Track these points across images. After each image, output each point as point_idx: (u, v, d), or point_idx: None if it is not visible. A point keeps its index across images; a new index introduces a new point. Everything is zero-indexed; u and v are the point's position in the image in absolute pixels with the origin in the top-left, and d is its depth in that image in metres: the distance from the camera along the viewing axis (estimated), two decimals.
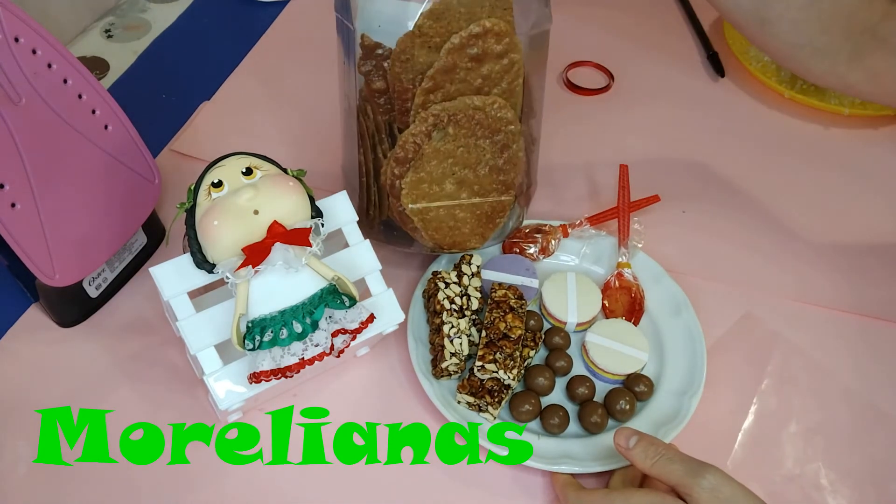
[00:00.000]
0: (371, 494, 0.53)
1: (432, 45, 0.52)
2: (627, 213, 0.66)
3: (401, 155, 0.55)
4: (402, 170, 0.56)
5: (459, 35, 0.52)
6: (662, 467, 0.47)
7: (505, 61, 0.54)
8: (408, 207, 0.57)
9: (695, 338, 0.59)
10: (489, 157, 0.57)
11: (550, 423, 0.54)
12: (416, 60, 0.53)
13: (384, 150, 0.57)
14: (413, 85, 0.54)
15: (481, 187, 0.58)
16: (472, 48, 0.52)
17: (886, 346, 0.62)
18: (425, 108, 0.54)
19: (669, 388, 0.57)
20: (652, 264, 0.64)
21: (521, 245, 0.65)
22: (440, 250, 0.61)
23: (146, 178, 0.61)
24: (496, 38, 0.53)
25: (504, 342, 0.54)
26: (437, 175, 0.56)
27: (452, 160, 0.56)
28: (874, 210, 0.73)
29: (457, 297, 0.58)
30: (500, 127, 0.56)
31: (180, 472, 0.53)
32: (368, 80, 0.55)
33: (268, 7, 0.91)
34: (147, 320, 0.61)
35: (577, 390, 0.56)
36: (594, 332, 0.59)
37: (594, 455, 0.53)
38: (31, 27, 0.52)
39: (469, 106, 0.54)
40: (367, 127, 0.57)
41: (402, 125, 0.55)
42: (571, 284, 0.61)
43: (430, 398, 0.55)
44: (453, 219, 0.59)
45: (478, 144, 0.56)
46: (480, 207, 0.59)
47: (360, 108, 0.58)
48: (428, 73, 0.53)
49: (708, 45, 0.88)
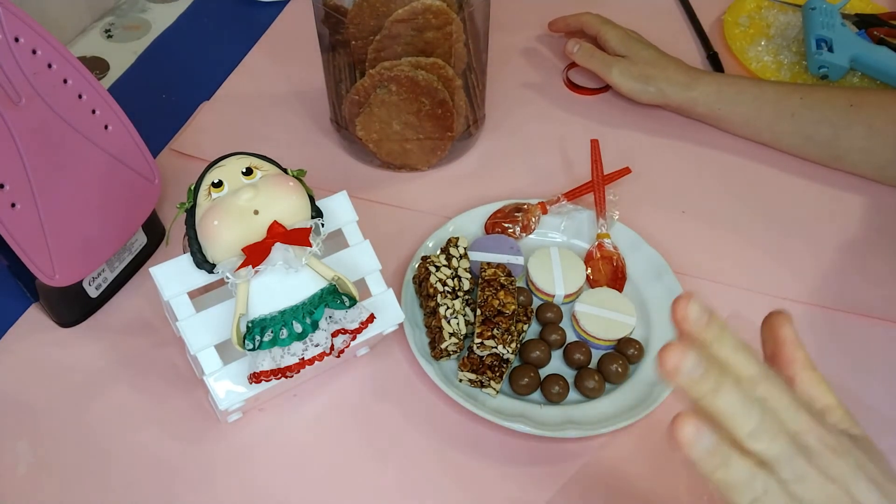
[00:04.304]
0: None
1: (380, 14, 0.61)
2: (602, 186, 0.69)
3: (355, 98, 0.67)
4: (357, 109, 0.67)
5: (402, 10, 0.60)
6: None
7: (445, 30, 0.62)
8: (363, 138, 0.69)
9: None
10: (428, 107, 0.66)
11: (552, 392, 0.56)
12: (366, 24, 0.61)
13: (346, 88, 0.68)
14: (365, 44, 0.63)
15: (423, 129, 0.69)
16: (414, 20, 0.60)
17: (875, 343, 0.62)
18: (374, 65, 0.64)
19: (658, 349, 0.58)
20: (629, 233, 0.66)
21: (502, 224, 0.67)
22: (393, 169, 0.73)
23: (146, 178, 0.61)
24: (434, 15, 0.60)
25: (499, 318, 0.56)
26: (385, 117, 0.67)
27: (396, 109, 0.66)
28: (863, 207, 0.73)
29: (448, 280, 0.59)
30: (436, 86, 0.64)
31: (181, 473, 0.53)
32: (332, 33, 0.65)
33: (268, 7, 0.91)
34: (147, 320, 0.61)
35: (574, 356, 0.59)
36: (582, 302, 0.61)
37: (596, 418, 0.55)
38: (31, 27, 0.52)
39: (410, 67, 0.63)
40: (334, 66, 0.68)
41: (360, 71, 0.66)
42: (555, 258, 0.63)
43: (433, 379, 0.56)
44: (402, 148, 0.71)
45: (417, 98, 0.65)
46: (425, 142, 0.70)
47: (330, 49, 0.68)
48: (376, 38, 0.62)
49: (708, 45, 0.88)
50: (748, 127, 0.76)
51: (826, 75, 0.82)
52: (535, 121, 0.80)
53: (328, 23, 0.64)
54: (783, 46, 0.87)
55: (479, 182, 0.73)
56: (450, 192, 0.72)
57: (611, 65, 0.78)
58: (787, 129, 0.74)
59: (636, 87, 0.77)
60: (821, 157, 0.74)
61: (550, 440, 0.55)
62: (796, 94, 0.73)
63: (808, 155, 0.75)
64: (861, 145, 0.71)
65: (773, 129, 0.75)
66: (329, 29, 0.65)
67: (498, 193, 0.71)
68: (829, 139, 0.72)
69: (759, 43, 0.88)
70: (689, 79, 0.76)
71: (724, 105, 0.75)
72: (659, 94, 0.76)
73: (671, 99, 0.76)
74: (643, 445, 0.55)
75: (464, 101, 0.69)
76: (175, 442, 0.55)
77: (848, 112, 0.71)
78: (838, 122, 0.72)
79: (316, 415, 0.56)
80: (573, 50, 0.81)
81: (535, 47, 0.89)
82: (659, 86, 0.76)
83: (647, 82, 0.76)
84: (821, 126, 0.72)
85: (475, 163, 0.75)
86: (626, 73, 0.77)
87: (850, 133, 0.71)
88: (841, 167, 0.74)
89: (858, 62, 0.81)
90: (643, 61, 0.77)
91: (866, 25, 0.86)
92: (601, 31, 0.80)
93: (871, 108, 0.71)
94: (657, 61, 0.77)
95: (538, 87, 0.84)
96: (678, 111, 0.79)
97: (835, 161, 0.74)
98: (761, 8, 0.93)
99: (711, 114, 0.76)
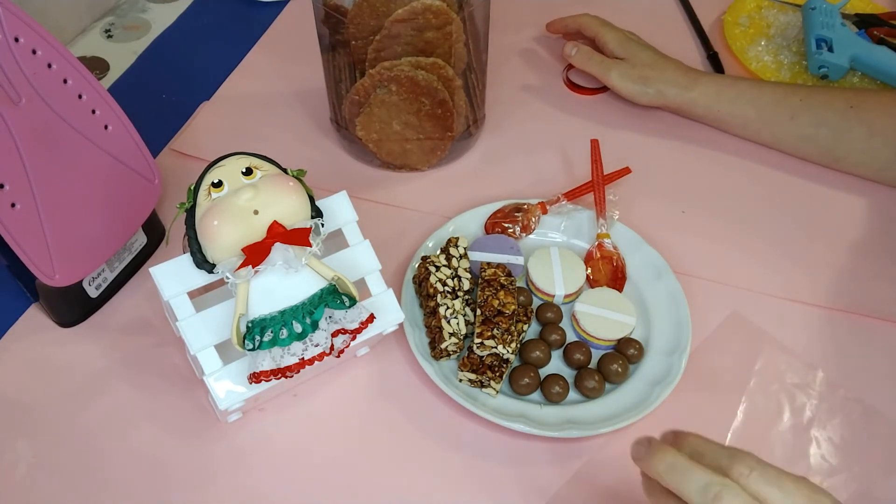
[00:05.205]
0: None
1: (380, 14, 0.60)
2: (602, 186, 0.69)
3: (355, 98, 0.67)
4: (357, 109, 0.67)
5: (402, 10, 0.60)
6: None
7: (445, 30, 0.62)
8: (363, 138, 0.69)
9: (677, 299, 0.62)
10: (428, 107, 0.66)
11: (552, 392, 0.56)
12: (366, 24, 0.61)
13: (346, 88, 0.67)
14: (365, 44, 0.62)
15: (423, 129, 0.68)
16: (414, 20, 0.60)
17: (874, 343, 0.62)
18: (374, 65, 0.63)
19: (658, 349, 0.60)
20: (629, 233, 0.66)
21: (502, 224, 0.67)
22: (393, 169, 0.72)
23: (146, 178, 0.61)
24: (434, 15, 0.60)
25: (499, 318, 0.56)
26: (385, 117, 0.67)
27: (396, 109, 0.66)
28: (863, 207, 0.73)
29: (448, 280, 0.59)
30: (436, 86, 0.64)
31: (181, 473, 0.53)
32: (332, 33, 0.65)
33: (268, 7, 0.91)
34: (147, 320, 0.61)
35: (574, 356, 0.59)
36: (582, 302, 0.61)
37: (596, 418, 0.55)
38: (31, 27, 0.52)
39: (409, 68, 0.63)
40: (334, 66, 0.68)
41: (360, 71, 0.65)
42: (555, 258, 0.63)
43: (433, 379, 0.56)
44: (402, 148, 0.70)
45: (417, 98, 0.65)
46: (425, 142, 0.70)
47: (330, 49, 0.68)
48: (376, 38, 0.62)
49: (708, 45, 0.88)
50: (747, 128, 0.76)
51: (826, 75, 0.82)
52: (535, 121, 0.80)
53: (328, 23, 0.64)
54: (783, 46, 0.87)
55: (479, 182, 0.73)
56: (450, 192, 0.72)
57: (609, 67, 0.78)
58: (787, 131, 0.74)
59: (635, 89, 0.77)
60: (821, 159, 0.74)
61: (550, 440, 0.55)
62: (796, 96, 0.73)
63: (807, 156, 0.75)
64: (861, 147, 0.72)
65: (773, 131, 0.75)
66: (329, 29, 0.65)
67: (498, 193, 0.71)
68: (828, 141, 0.72)
69: (759, 43, 0.88)
70: (688, 80, 0.76)
71: (724, 106, 0.75)
72: (658, 95, 0.76)
73: (671, 100, 0.76)
74: None
75: (464, 101, 0.69)
76: (175, 442, 0.55)
77: (848, 114, 0.71)
78: (838, 124, 0.72)
79: (316, 415, 0.56)
80: (571, 53, 0.81)
81: (535, 47, 0.89)
82: (658, 87, 0.76)
83: (646, 84, 0.76)
84: (820, 128, 0.72)
85: (475, 163, 0.75)
86: (625, 75, 0.77)
87: (850, 135, 0.71)
88: (841, 168, 0.74)
89: (858, 62, 0.81)
90: (642, 63, 0.77)
91: (866, 25, 0.86)
92: (600, 33, 0.80)
93: (870, 110, 0.71)
94: (656, 63, 0.77)
95: (538, 88, 0.84)
96: (678, 112, 0.79)
97: (835, 162, 0.74)
98: (761, 8, 0.93)
99: (711, 115, 0.76)
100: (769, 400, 0.59)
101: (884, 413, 0.58)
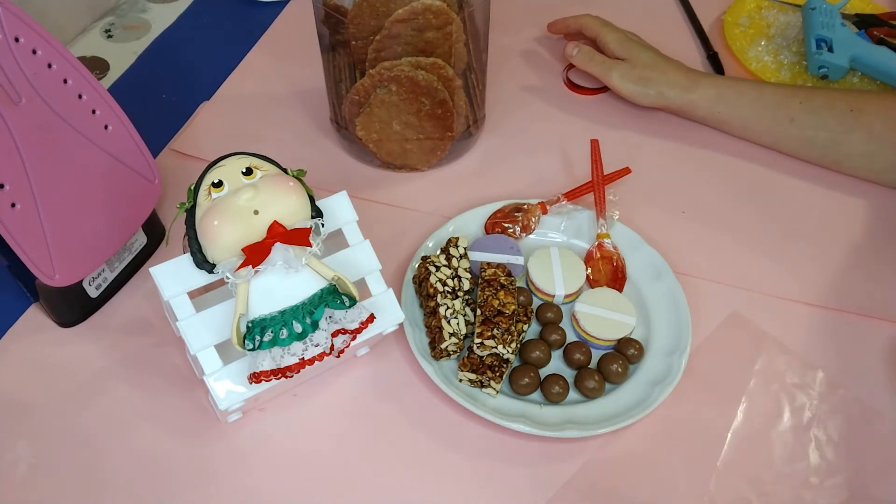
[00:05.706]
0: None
1: (380, 14, 0.60)
2: (602, 186, 0.69)
3: (355, 98, 0.67)
4: (357, 109, 0.67)
5: (402, 10, 0.60)
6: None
7: (445, 30, 0.62)
8: (363, 138, 0.69)
9: (677, 299, 0.62)
10: (428, 107, 0.66)
11: (552, 392, 0.57)
12: (366, 24, 0.61)
13: (346, 88, 0.67)
14: (365, 44, 0.63)
15: (423, 129, 0.69)
16: (414, 20, 0.60)
17: (875, 343, 0.62)
18: (374, 65, 0.64)
19: (658, 349, 0.60)
20: (629, 233, 0.67)
21: (502, 224, 0.67)
22: (393, 169, 0.73)
23: (146, 178, 0.61)
24: (434, 15, 0.60)
25: (499, 318, 0.56)
26: (385, 117, 0.67)
27: (396, 109, 0.66)
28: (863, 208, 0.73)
29: (448, 280, 0.59)
30: (436, 86, 0.64)
31: (181, 473, 0.53)
32: (332, 33, 0.65)
33: (268, 7, 0.91)
34: (147, 320, 0.61)
35: (574, 356, 0.59)
36: (582, 302, 0.61)
37: (596, 418, 0.55)
38: (31, 27, 0.52)
39: (409, 68, 0.63)
40: (334, 66, 0.68)
41: (360, 71, 0.66)
42: (555, 258, 0.63)
43: (433, 379, 0.56)
44: (402, 148, 0.71)
45: (417, 98, 0.65)
46: (425, 142, 0.70)
47: (330, 49, 0.68)
48: (376, 38, 0.62)
49: (708, 45, 0.88)
50: (748, 130, 0.76)
51: (826, 75, 0.82)
52: (535, 121, 0.80)
53: (328, 23, 0.64)
54: (783, 46, 0.87)
55: (479, 182, 0.73)
56: (450, 192, 0.72)
57: (610, 68, 0.78)
58: (787, 133, 0.74)
59: (636, 90, 0.77)
60: (821, 161, 0.75)
61: (550, 440, 0.55)
62: (796, 98, 0.73)
63: (808, 158, 0.75)
64: (861, 150, 0.72)
65: (773, 133, 0.75)
66: (329, 29, 0.65)
67: (498, 193, 0.71)
68: (829, 143, 0.72)
69: (759, 43, 0.88)
70: (688, 81, 0.76)
71: (724, 108, 0.75)
72: (659, 96, 0.76)
73: (671, 102, 0.76)
74: (643, 445, 0.56)
75: (464, 101, 0.69)
76: (175, 442, 0.55)
77: (848, 116, 0.71)
78: (838, 126, 0.72)
79: (316, 415, 0.56)
80: (572, 53, 0.81)
81: (535, 47, 0.89)
82: (659, 89, 0.76)
83: (646, 85, 0.76)
84: (821, 131, 0.72)
85: (475, 163, 0.75)
86: (625, 76, 0.77)
87: (851, 138, 0.71)
88: (841, 171, 0.74)
89: (858, 62, 0.81)
90: (642, 64, 0.77)
91: (866, 25, 0.86)
92: (601, 34, 0.80)
93: (871, 113, 0.71)
94: (657, 64, 0.77)
95: (538, 88, 0.84)
96: (678, 114, 0.79)
97: (835, 165, 0.74)
98: (761, 8, 0.93)
99: (711, 116, 0.76)
100: (769, 400, 0.59)
101: (884, 413, 0.58)
